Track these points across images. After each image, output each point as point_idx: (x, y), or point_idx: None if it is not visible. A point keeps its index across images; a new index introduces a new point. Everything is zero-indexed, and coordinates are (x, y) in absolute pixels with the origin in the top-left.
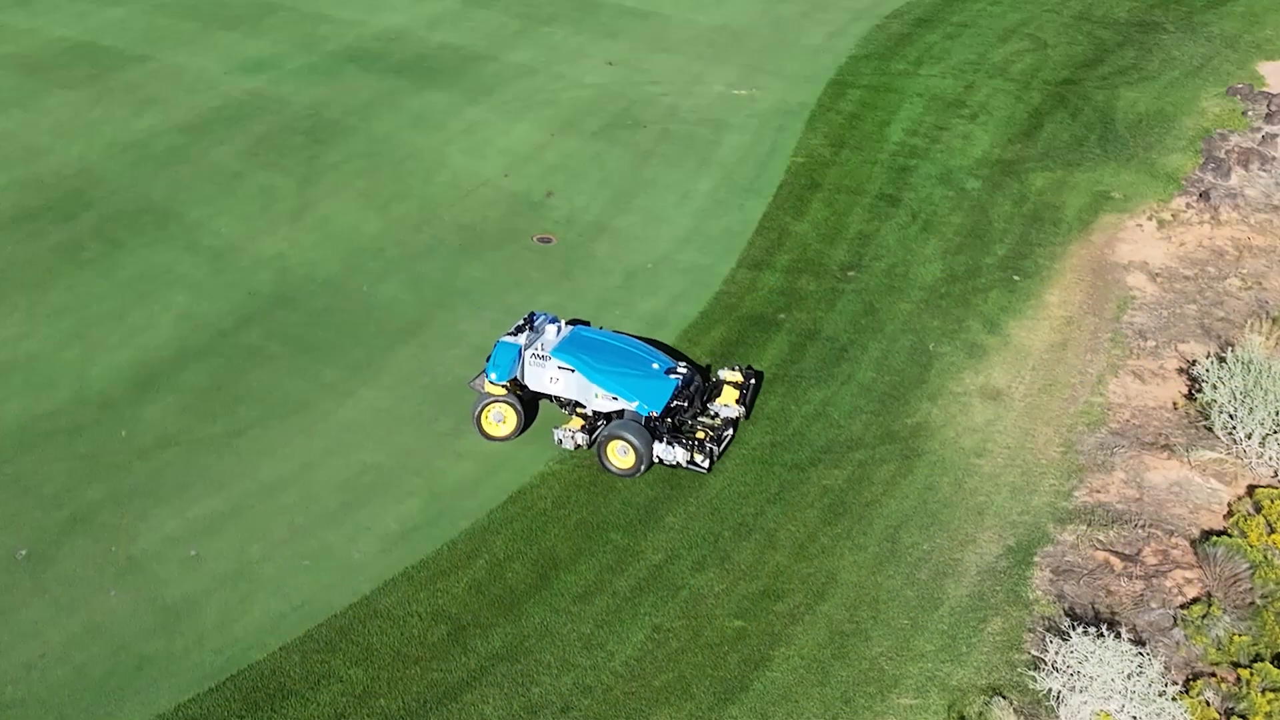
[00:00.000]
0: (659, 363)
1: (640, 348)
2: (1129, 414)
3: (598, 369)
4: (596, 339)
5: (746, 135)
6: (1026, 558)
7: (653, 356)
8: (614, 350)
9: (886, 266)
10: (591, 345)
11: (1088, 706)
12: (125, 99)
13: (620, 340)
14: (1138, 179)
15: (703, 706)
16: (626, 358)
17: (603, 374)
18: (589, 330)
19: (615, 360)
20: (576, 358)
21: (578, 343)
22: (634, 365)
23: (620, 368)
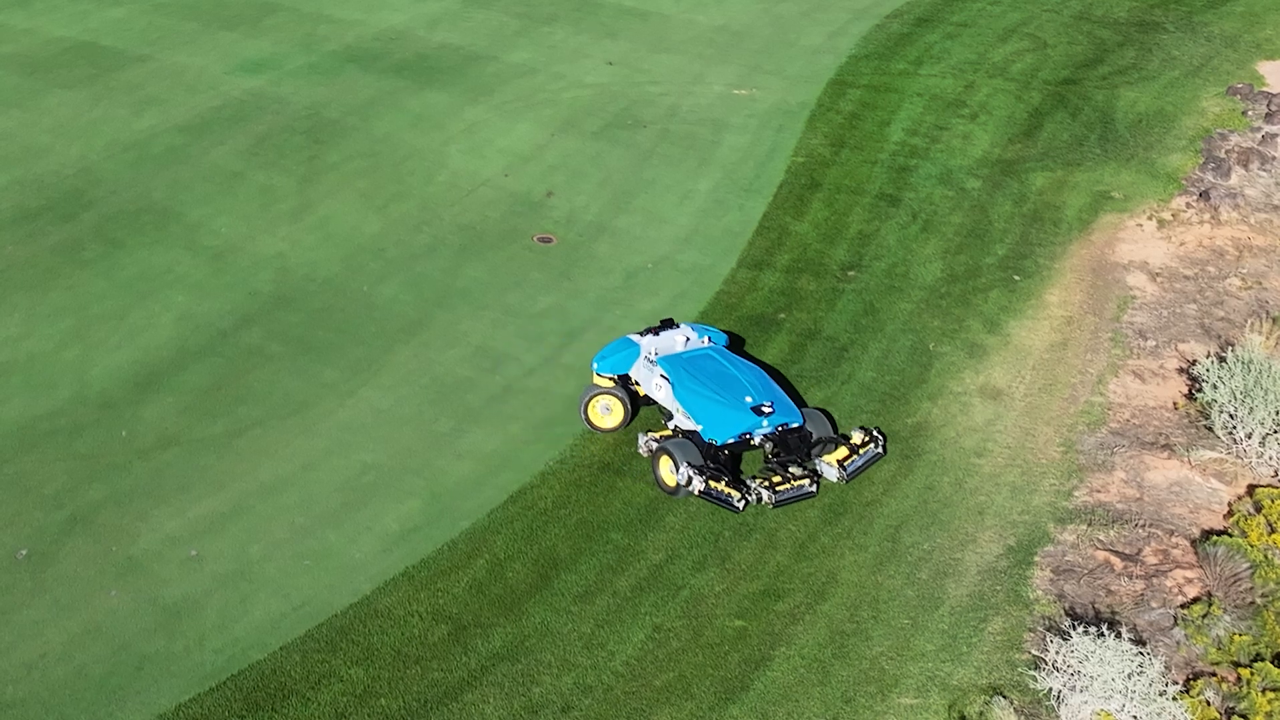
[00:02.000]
0: (755, 398)
1: (756, 382)
2: (1129, 414)
3: (687, 386)
4: (711, 360)
5: (746, 135)
6: (1027, 557)
7: (758, 393)
8: (720, 374)
9: (887, 266)
10: (701, 364)
11: (1088, 706)
12: (125, 99)
13: (742, 368)
14: (1138, 179)
15: (703, 706)
16: (726, 384)
17: (689, 392)
18: (719, 352)
19: (710, 383)
20: (676, 371)
21: (689, 359)
22: (726, 393)
23: (709, 390)
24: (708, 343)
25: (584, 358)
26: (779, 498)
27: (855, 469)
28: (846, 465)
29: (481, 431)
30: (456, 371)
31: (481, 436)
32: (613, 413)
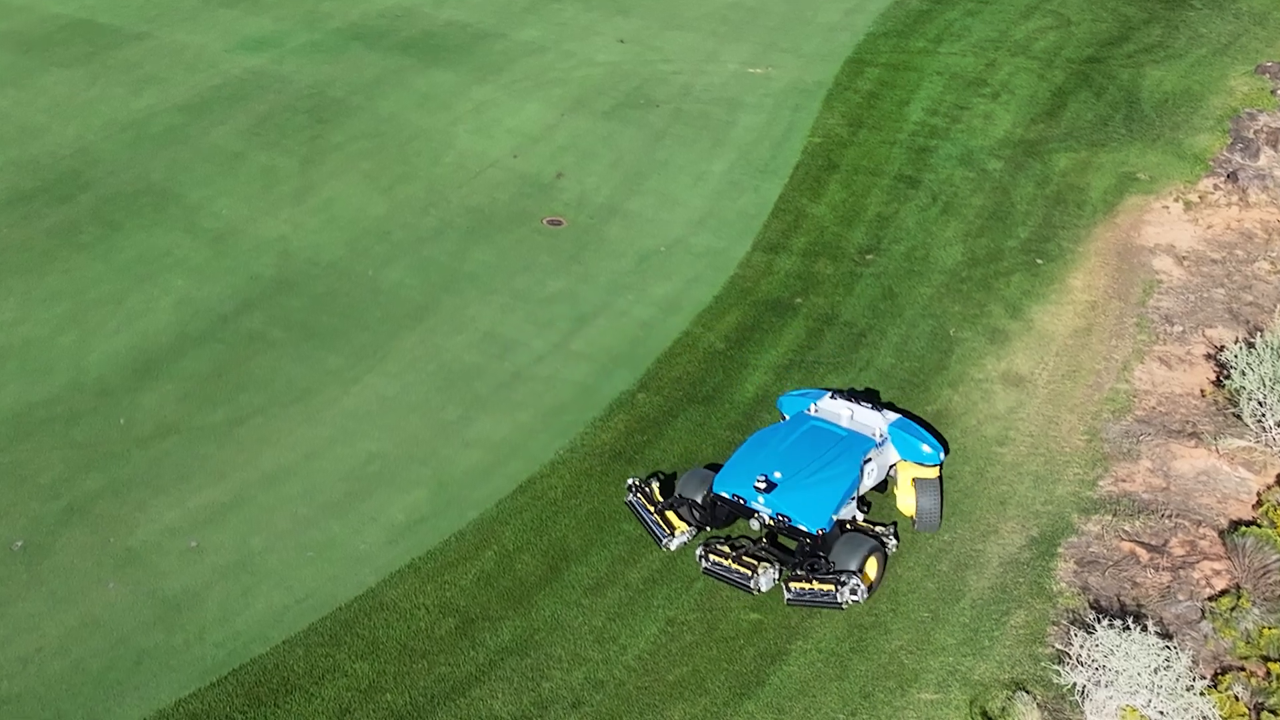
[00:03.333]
0: (783, 474)
1: (812, 465)
2: (1155, 401)
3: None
4: (814, 430)
5: (762, 115)
6: (1050, 549)
7: (792, 474)
8: (794, 443)
9: (906, 250)
10: (798, 435)
11: (1113, 701)
12: (123, 78)
13: (836, 452)
14: (1164, 160)
15: (718, 701)
16: (781, 449)
17: (751, 445)
18: (858, 437)
19: (771, 445)
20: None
21: (810, 428)
22: (764, 455)
23: (753, 448)
24: (890, 416)
25: (595, 344)
26: (792, 596)
27: (802, 599)
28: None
29: (490, 419)
30: (464, 358)
31: (490, 425)
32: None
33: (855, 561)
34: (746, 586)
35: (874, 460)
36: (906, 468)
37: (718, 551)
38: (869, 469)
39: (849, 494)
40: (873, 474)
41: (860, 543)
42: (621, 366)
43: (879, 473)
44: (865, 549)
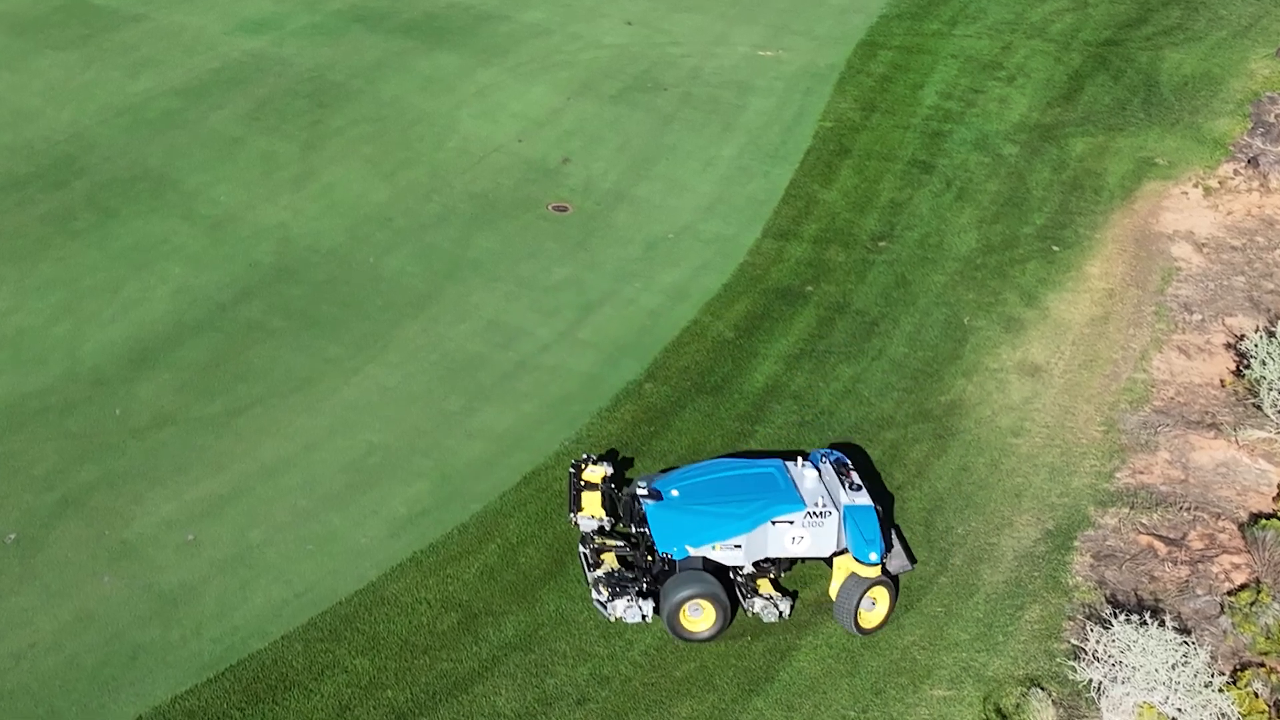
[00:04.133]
0: (680, 491)
1: (724, 499)
2: (1174, 391)
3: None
4: (768, 481)
5: (772, 99)
6: (1066, 542)
7: (686, 490)
8: (735, 484)
9: (919, 236)
10: (744, 474)
11: (1130, 698)
12: (119, 60)
13: (752, 500)
14: (1183, 144)
15: (726, 698)
16: (714, 488)
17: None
18: (790, 497)
19: (710, 479)
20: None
21: (763, 473)
22: (692, 485)
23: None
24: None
25: (601, 332)
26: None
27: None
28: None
29: (493, 410)
30: (467, 347)
31: (493, 415)
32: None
33: (677, 593)
34: (600, 603)
35: (797, 526)
36: (846, 557)
37: (595, 549)
38: (785, 532)
39: (728, 538)
40: (798, 541)
41: (696, 581)
42: (628, 356)
43: (810, 544)
44: (693, 588)
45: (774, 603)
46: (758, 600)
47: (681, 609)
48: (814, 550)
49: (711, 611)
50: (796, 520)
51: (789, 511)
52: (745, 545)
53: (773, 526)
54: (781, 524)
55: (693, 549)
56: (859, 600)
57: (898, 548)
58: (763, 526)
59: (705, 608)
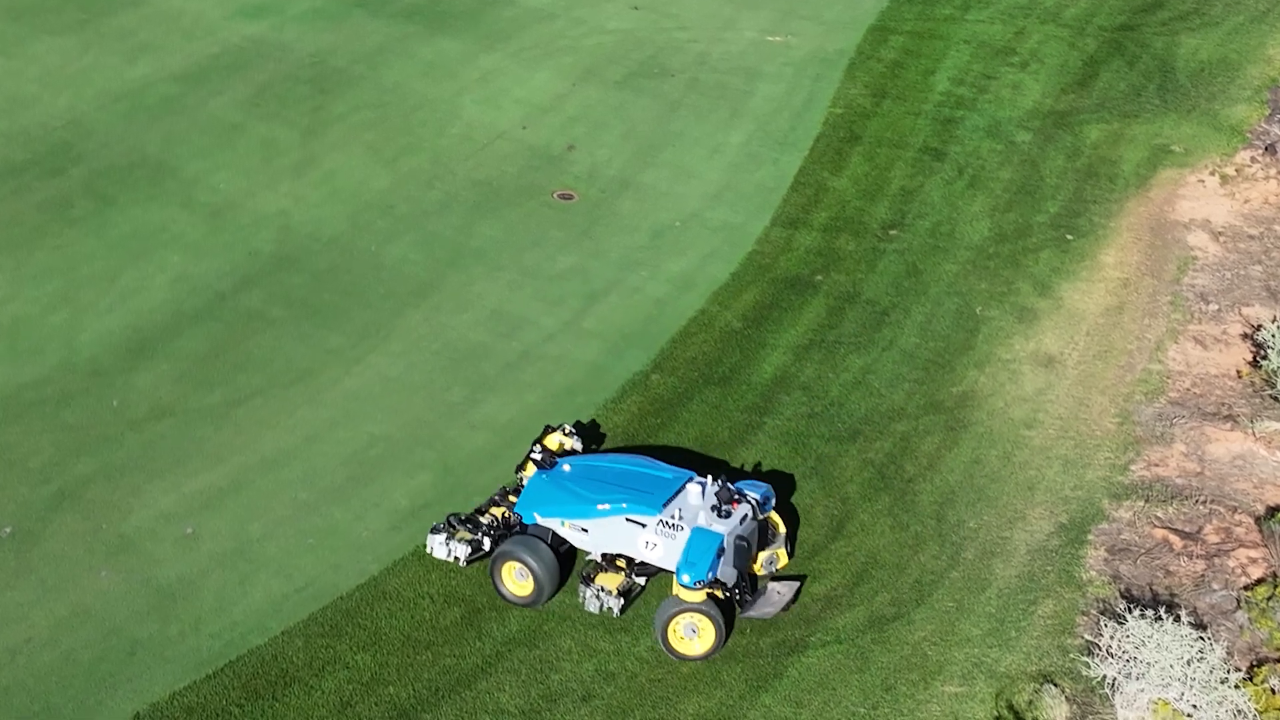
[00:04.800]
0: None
1: (603, 488)
2: (1189, 382)
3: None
4: (662, 485)
5: (781, 85)
6: (1080, 536)
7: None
8: (631, 478)
9: (931, 225)
10: (653, 474)
11: (1145, 694)
12: (117, 45)
13: (622, 494)
14: (1199, 131)
15: (734, 694)
16: (610, 476)
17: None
18: (655, 503)
19: (616, 468)
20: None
21: (671, 478)
22: (592, 469)
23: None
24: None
25: (606, 322)
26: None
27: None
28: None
29: (497, 401)
30: (470, 337)
31: (497, 406)
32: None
33: (498, 551)
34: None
35: (649, 531)
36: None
37: (492, 501)
38: (638, 534)
39: (575, 518)
40: (651, 547)
41: (520, 544)
42: (634, 346)
43: (662, 553)
44: (510, 548)
45: (602, 595)
46: (589, 588)
47: (505, 570)
48: (665, 560)
49: (530, 578)
50: (649, 525)
51: (642, 514)
52: (592, 532)
53: (626, 524)
54: (634, 524)
55: (541, 518)
56: (669, 619)
57: (777, 596)
58: (614, 520)
59: (525, 574)
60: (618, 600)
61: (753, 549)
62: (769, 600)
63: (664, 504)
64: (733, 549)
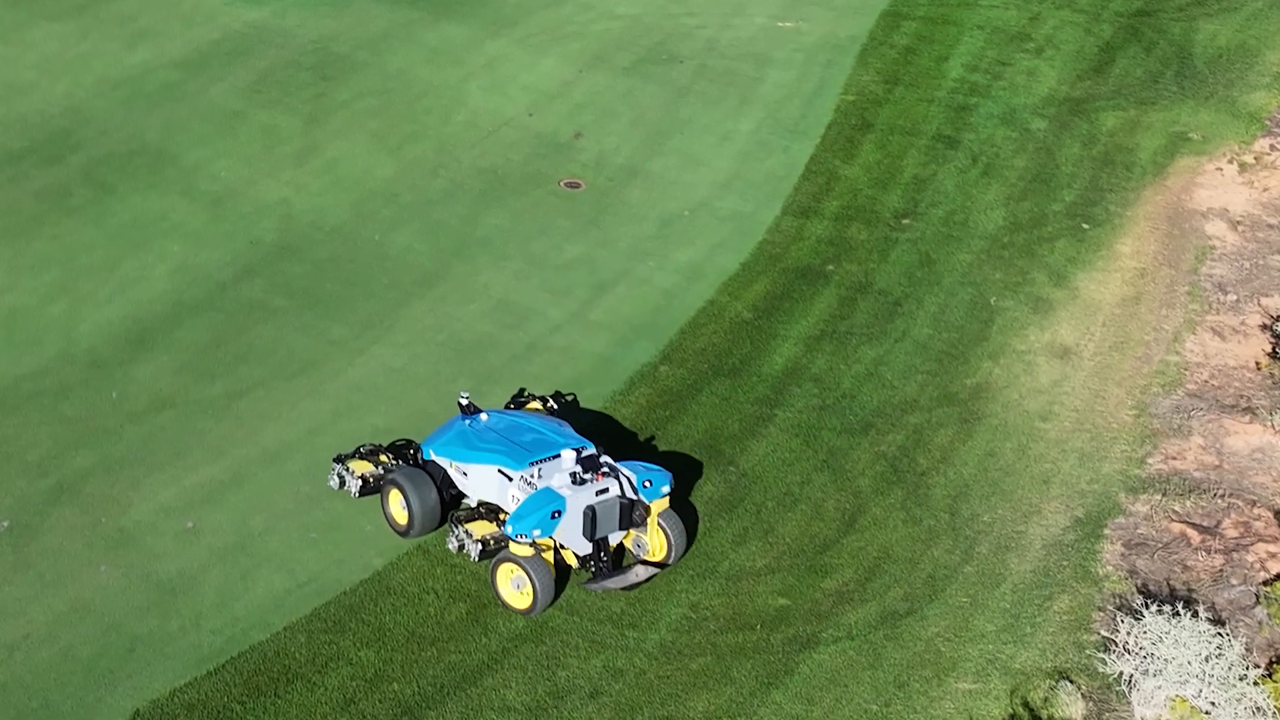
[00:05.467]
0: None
1: (499, 438)
2: (1208, 374)
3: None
4: (547, 447)
5: (792, 71)
6: (1096, 530)
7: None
8: (533, 433)
9: (944, 214)
10: (552, 431)
11: (1162, 691)
12: (116, 31)
13: (511, 444)
14: (1218, 119)
15: (744, 691)
16: (516, 427)
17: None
18: (530, 456)
19: (523, 422)
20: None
21: (573, 446)
22: (505, 420)
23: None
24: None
25: (614, 313)
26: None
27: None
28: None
29: (503, 393)
30: (476, 328)
31: (503, 398)
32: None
33: (385, 478)
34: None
35: (514, 485)
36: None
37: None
38: (507, 487)
39: (460, 461)
40: (515, 500)
41: (404, 474)
42: (642, 337)
43: (516, 501)
44: (394, 477)
45: (464, 538)
46: (458, 528)
47: (392, 496)
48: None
49: (403, 506)
50: (515, 479)
51: (511, 467)
52: (471, 477)
53: (497, 474)
54: (503, 476)
55: (435, 455)
56: (497, 566)
57: (634, 577)
58: (488, 469)
59: (405, 505)
60: (476, 546)
61: (607, 524)
62: (623, 578)
63: (533, 462)
64: (578, 517)
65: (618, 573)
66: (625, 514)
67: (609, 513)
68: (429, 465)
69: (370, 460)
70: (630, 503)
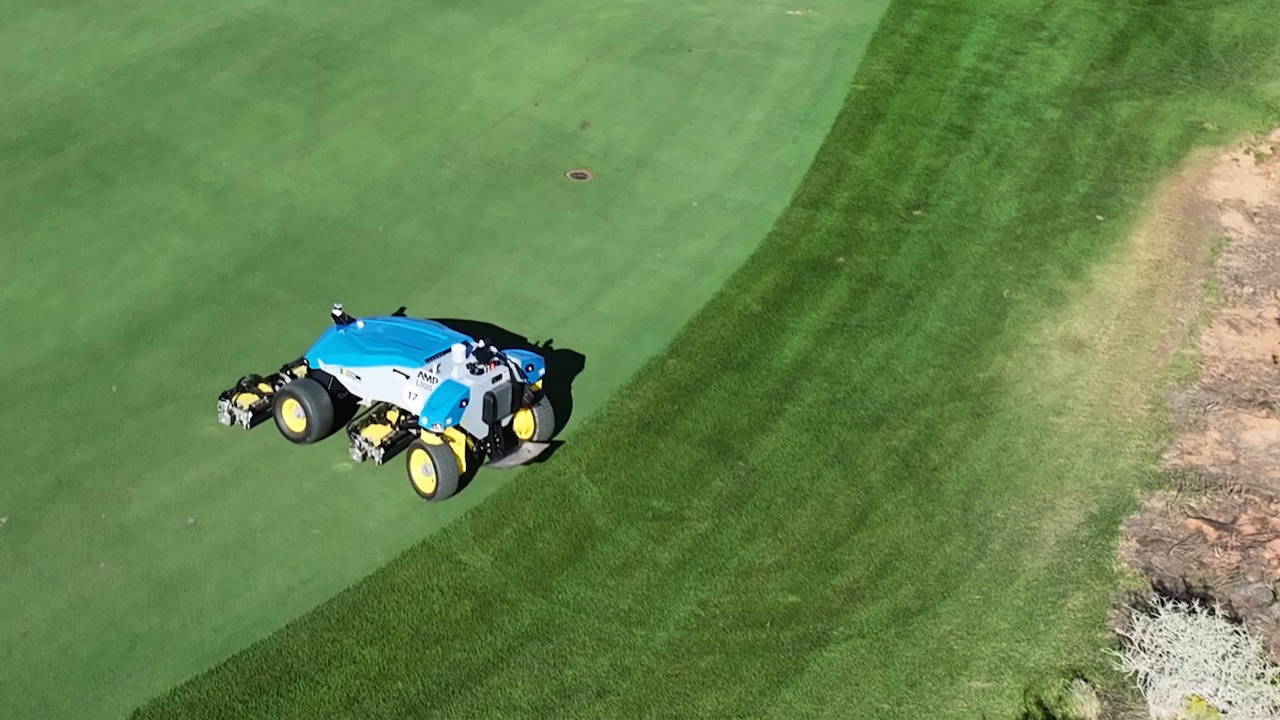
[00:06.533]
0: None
1: (378, 341)
2: (1223, 367)
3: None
4: (431, 345)
5: (802, 60)
6: (1110, 526)
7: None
8: (415, 336)
9: (956, 205)
10: (430, 333)
11: (1178, 690)
12: (116, 19)
13: (396, 346)
14: (1233, 108)
15: (753, 690)
16: (398, 333)
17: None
18: (419, 356)
19: (406, 328)
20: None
21: (445, 340)
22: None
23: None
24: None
25: (622, 306)
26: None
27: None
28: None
29: None
30: (481, 321)
31: None
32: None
33: (278, 393)
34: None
35: (411, 383)
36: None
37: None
38: (403, 385)
39: (350, 365)
40: (413, 397)
41: (299, 384)
42: (650, 330)
43: (421, 403)
44: (289, 388)
45: (366, 445)
46: (356, 438)
47: (285, 407)
48: (412, 401)
49: (304, 417)
50: (411, 376)
51: (406, 366)
52: (365, 380)
53: (392, 374)
54: (399, 375)
55: (324, 364)
56: (409, 453)
57: (526, 454)
58: (383, 369)
59: (301, 412)
60: (379, 450)
61: (503, 407)
62: (517, 455)
63: (427, 359)
64: (479, 403)
65: (510, 452)
66: (517, 397)
67: (504, 397)
68: (317, 374)
69: (253, 392)
70: (520, 386)
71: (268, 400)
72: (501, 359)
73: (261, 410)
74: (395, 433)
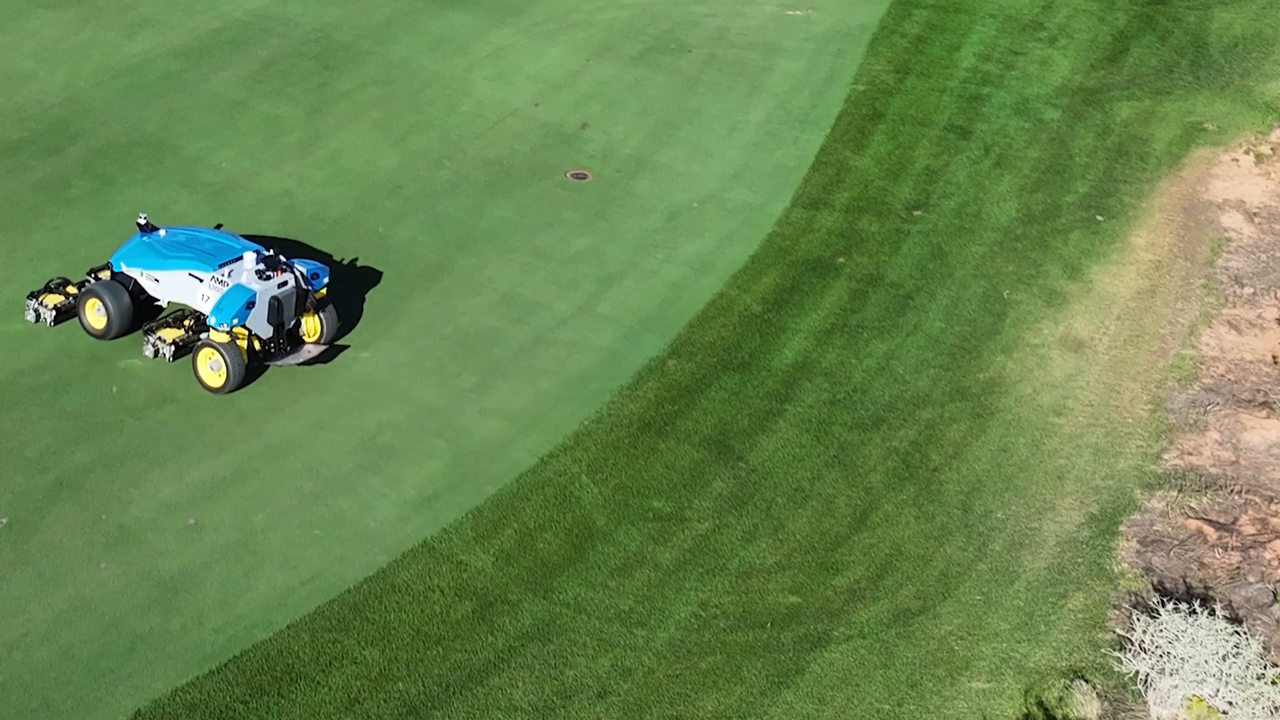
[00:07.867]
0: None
1: (179, 248)
2: (1224, 368)
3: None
4: (223, 250)
5: (802, 60)
6: (1111, 527)
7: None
8: (209, 245)
9: (956, 205)
10: (224, 242)
11: (1178, 690)
12: (116, 20)
13: (194, 252)
14: (1233, 109)
15: (754, 690)
16: (194, 241)
17: None
18: (212, 262)
19: (200, 235)
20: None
21: (237, 248)
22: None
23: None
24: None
25: (622, 306)
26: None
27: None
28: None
29: (509, 387)
30: (481, 321)
31: (509, 393)
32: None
33: (88, 289)
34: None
35: (205, 285)
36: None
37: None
38: (197, 288)
39: (147, 269)
40: (206, 299)
41: (102, 285)
42: (650, 330)
43: (211, 304)
44: (92, 289)
45: (159, 344)
46: (151, 337)
47: (88, 306)
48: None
49: (105, 315)
50: (205, 280)
51: (201, 270)
52: (163, 283)
53: (188, 278)
54: (194, 279)
55: (126, 267)
56: (197, 351)
57: (305, 354)
58: (179, 273)
59: (102, 310)
60: (170, 349)
61: (288, 311)
62: (298, 355)
63: (220, 265)
64: (264, 306)
65: (293, 352)
66: (300, 302)
67: (289, 301)
68: (119, 276)
69: (60, 292)
70: (305, 292)
71: (72, 300)
72: (289, 267)
73: (66, 310)
74: (187, 336)
